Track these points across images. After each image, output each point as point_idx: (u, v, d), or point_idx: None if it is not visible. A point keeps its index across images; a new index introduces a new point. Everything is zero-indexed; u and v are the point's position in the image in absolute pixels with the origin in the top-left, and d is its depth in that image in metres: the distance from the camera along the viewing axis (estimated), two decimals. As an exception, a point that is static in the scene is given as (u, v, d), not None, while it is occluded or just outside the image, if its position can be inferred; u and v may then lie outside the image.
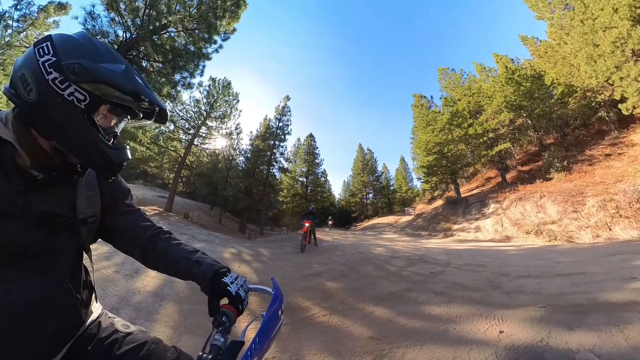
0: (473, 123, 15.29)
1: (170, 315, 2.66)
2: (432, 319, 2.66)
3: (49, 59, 0.50)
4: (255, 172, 17.97)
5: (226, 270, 0.68)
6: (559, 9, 14.57)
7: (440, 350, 2.06)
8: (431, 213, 17.74)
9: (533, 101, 13.60)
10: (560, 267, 4.25)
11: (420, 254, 6.71)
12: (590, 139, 13.15)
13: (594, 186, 9.13)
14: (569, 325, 2.15)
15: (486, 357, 1.89)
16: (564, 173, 11.30)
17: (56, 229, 0.56)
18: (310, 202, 22.82)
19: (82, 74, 0.49)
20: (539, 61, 16.28)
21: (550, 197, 9.90)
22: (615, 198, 7.99)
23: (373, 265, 5.34)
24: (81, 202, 0.63)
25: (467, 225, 12.94)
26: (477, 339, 2.20)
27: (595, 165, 10.84)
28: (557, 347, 1.89)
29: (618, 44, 10.09)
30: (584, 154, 12.02)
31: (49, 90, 0.50)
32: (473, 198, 15.13)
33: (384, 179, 36.04)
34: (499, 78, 15.10)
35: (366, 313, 2.90)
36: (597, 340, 1.90)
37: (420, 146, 18.23)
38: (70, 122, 0.52)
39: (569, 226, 8.48)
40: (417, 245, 9.14)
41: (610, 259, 4.49)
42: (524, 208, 10.57)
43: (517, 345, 1.97)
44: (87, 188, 0.66)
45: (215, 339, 0.56)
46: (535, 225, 9.43)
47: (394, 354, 2.05)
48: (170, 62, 8.42)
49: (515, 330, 2.22)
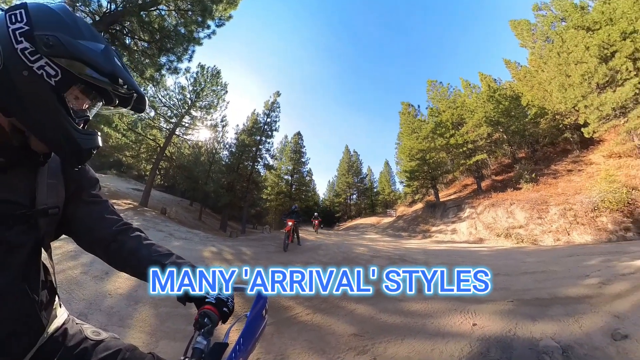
0: (455, 134, 16.47)
1: (146, 320, 2.48)
2: (412, 315, 2.76)
3: (20, 27, 0.45)
4: (239, 167, 17.42)
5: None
6: (540, 40, 16.78)
7: (420, 344, 2.15)
8: (411, 215, 18.41)
9: (510, 119, 15.27)
10: (526, 266, 4.62)
11: (400, 254, 6.94)
12: (555, 156, 14.86)
13: (557, 197, 10.26)
14: (533, 317, 2.34)
15: (461, 347, 2.00)
16: (531, 184, 12.55)
17: (10, 220, 0.49)
18: (295, 200, 22.65)
19: (57, 47, 0.45)
20: (518, 84, 18.24)
21: (519, 204, 10.90)
22: (574, 207, 9.01)
23: (355, 264, 5.42)
24: (42, 191, 0.55)
25: (445, 228, 13.60)
26: (452, 331, 2.32)
27: (558, 179, 12.22)
28: (523, 336, 2.06)
29: (586, 77, 11.63)
30: (550, 169, 13.50)
31: (16, 61, 0.45)
32: (450, 203, 15.97)
33: (368, 181, 36.82)
34: (481, 95, 16.69)
35: (348, 311, 2.94)
36: (557, 329, 2.10)
37: (404, 152, 19.01)
38: (37, 98, 0.47)
39: (534, 230, 9.37)
40: (397, 246, 9.44)
41: (568, 259, 4.97)
42: (496, 213, 11.48)
43: (488, 336, 2.11)
44: (49, 176, 0.58)
45: (198, 342, 0.53)
46: (505, 229, 10.30)
47: (376, 349, 2.10)
48: (157, 42, 7.74)
49: (487, 322, 2.37)
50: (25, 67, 0.45)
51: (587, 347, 1.83)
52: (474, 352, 1.91)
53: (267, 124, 18.35)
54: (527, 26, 18.16)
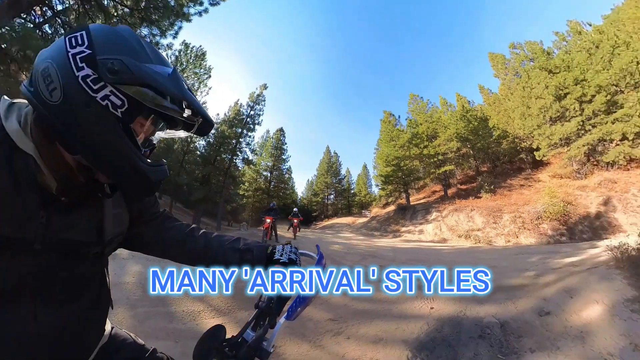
0: (428, 145, 18.02)
1: (123, 322, 2.33)
2: (380, 302, 3.01)
3: (81, 50, 0.40)
4: (217, 160, 16.63)
5: (273, 248, 0.70)
6: (510, 74, 20.08)
7: (386, 324, 2.40)
8: (384, 216, 19.32)
9: (477, 137, 17.42)
10: (481, 263, 5.21)
11: (372, 251, 7.33)
12: (512, 172, 17.20)
13: (510, 206, 11.98)
14: (480, 301, 2.72)
15: (420, 326, 2.28)
16: (490, 194, 14.46)
17: (82, 257, 0.50)
18: (273, 198, 22.32)
19: (122, 72, 0.40)
20: (488, 108, 21.16)
21: (479, 210, 12.35)
22: (523, 216, 10.65)
23: (330, 260, 5.62)
24: (108, 224, 0.54)
25: (413, 228, 14.56)
26: (413, 314, 2.61)
27: (512, 191, 14.21)
28: (471, 315, 2.40)
29: (542, 110, 14.02)
30: (506, 182, 15.61)
31: (78, 91, 0.39)
32: (420, 206, 17.14)
33: (346, 183, 37.64)
34: (455, 113, 18.75)
35: (324, 300, 3.12)
36: (498, 309, 2.49)
37: (381, 157, 20.11)
38: (102, 132, 0.42)
39: (490, 233, 10.69)
40: (370, 244, 9.92)
41: (515, 257, 5.74)
42: (459, 217, 12.71)
43: (443, 316, 2.43)
44: (114, 205, 0.56)
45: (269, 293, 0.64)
46: (466, 231, 11.54)
47: (349, 330, 2.33)
48: (142, 12, 6.84)
49: (442, 306, 2.70)
50: (88, 98, 0.40)
51: (519, 322, 2.22)
52: (431, 329, 2.20)
53: (250, 117, 17.67)
54: (502, 60, 21.35)
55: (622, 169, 11.31)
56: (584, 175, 12.33)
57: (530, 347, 1.92)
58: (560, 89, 13.54)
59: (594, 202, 10.06)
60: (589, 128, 12.59)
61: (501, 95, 20.48)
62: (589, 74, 13.29)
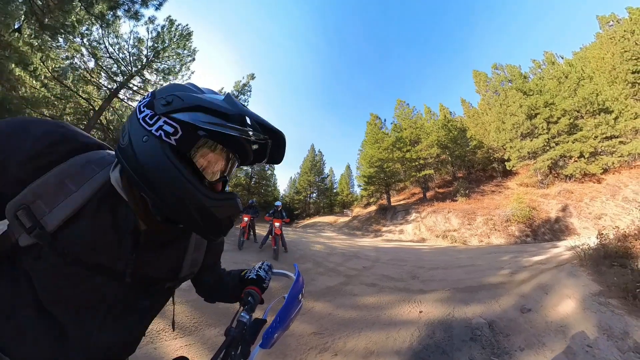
0: (410, 150, 18.84)
1: None
2: (366, 308, 2.88)
3: (145, 100, 0.45)
4: (193, 154, 15.65)
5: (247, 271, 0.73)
6: (490, 91, 22.37)
7: (375, 335, 2.25)
8: (365, 216, 19.59)
9: (456, 145, 18.79)
10: (459, 261, 5.37)
11: (354, 251, 7.26)
12: (485, 179, 18.83)
13: (482, 209, 13.06)
14: (466, 301, 2.72)
15: (412, 333, 2.16)
16: (465, 198, 15.70)
17: (157, 290, 0.54)
18: (254, 195, 21.61)
19: (174, 102, 0.42)
20: (467, 120, 23.43)
21: (455, 212, 13.11)
22: (494, 218, 11.70)
23: (312, 262, 5.42)
24: (186, 265, 0.57)
25: (394, 228, 14.90)
26: (403, 320, 2.50)
27: (484, 196, 15.56)
28: (460, 317, 2.37)
29: (515, 126, 15.83)
30: (480, 188, 17.05)
31: (137, 128, 0.43)
32: (400, 207, 17.62)
33: (329, 182, 37.71)
34: (438, 122, 20.02)
35: (307, 309, 2.88)
36: (484, 309, 2.49)
37: (365, 158, 20.39)
38: (157, 164, 0.41)
39: (465, 233, 11.37)
40: (352, 244, 9.88)
41: (488, 256, 6.01)
42: (436, 218, 13.29)
43: (433, 321, 2.35)
44: (196, 247, 0.60)
45: (242, 316, 0.59)
46: (443, 231, 12.14)
47: (336, 345, 2.11)
48: None
49: (431, 309, 2.64)
50: (145, 133, 0.42)
51: (505, 320, 2.24)
52: (423, 336, 2.10)
53: (232, 109, 16.84)
54: (484, 78, 23.74)
55: (578, 181, 13.12)
56: (547, 185, 14.06)
57: (519, 346, 1.93)
58: (532, 109, 15.53)
59: (554, 208, 11.39)
60: (553, 145, 14.58)
61: (480, 109, 22.78)
62: (557, 99, 15.51)
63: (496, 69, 22.39)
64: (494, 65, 22.49)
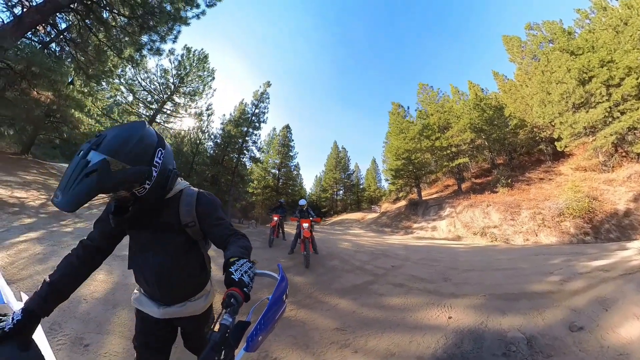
0: (440, 137, 17.12)
1: (126, 324, 2.27)
2: (392, 309, 2.85)
3: None
4: (224, 159, 16.83)
5: (236, 259, 0.72)
6: (528, 57, 18.07)
7: (399, 337, 2.23)
8: (395, 212, 18.93)
9: (492, 127, 16.13)
10: (499, 263, 4.92)
11: (383, 249, 7.14)
12: (530, 165, 15.91)
13: (528, 201, 11.20)
14: (503, 311, 2.51)
15: (437, 339, 2.11)
16: (507, 188, 13.55)
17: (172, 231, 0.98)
18: (282, 195, 22.42)
19: None
20: (503, 95, 19.26)
21: (495, 206, 11.70)
22: (543, 212, 9.95)
23: (339, 259, 5.49)
24: (182, 214, 0.98)
25: (425, 225, 14.15)
26: (430, 324, 2.43)
27: (531, 186, 13.22)
28: (493, 328, 2.20)
29: (564, 96, 12.62)
30: (524, 176, 14.53)
31: None
32: (432, 201, 16.60)
33: (355, 178, 37.22)
34: (468, 102, 17.53)
35: (332, 305, 2.98)
36: (523, 321, 2.26)
37: (391, 151, 19.37)
38: None
39: (507, 231, 10.11)
40: (380, 241, 9.69)
41: (535, 258, 5.36)
42: (474, 213, 12.15)
43: (462, 328, 2.24)
44: (186, 205, 0.99)
45: (224, 319, 0.58)
46: (481, 228, 11.00)
47: (357, 342, 2.16)
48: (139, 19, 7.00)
49: (461, 316, 2.51)
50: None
51: (548, 338, 2.00)
52: (449, 344, 2.02)
53: (255, 115, 17.73)
54: (517, 43, 19.36)
55: (656, 160, 10.28)
56: (612, 167, 11.27)
57: (562, 369, 1.73)
58: (584, 72, 12.16)
59: (623, 198, 9.19)
60: (618, 115, 11.21)
61: (518, 81, 18.54)
62: (616, 55, 11.77)
63: (531, 29, 17.81)
64: (527, 25, 17.89)
